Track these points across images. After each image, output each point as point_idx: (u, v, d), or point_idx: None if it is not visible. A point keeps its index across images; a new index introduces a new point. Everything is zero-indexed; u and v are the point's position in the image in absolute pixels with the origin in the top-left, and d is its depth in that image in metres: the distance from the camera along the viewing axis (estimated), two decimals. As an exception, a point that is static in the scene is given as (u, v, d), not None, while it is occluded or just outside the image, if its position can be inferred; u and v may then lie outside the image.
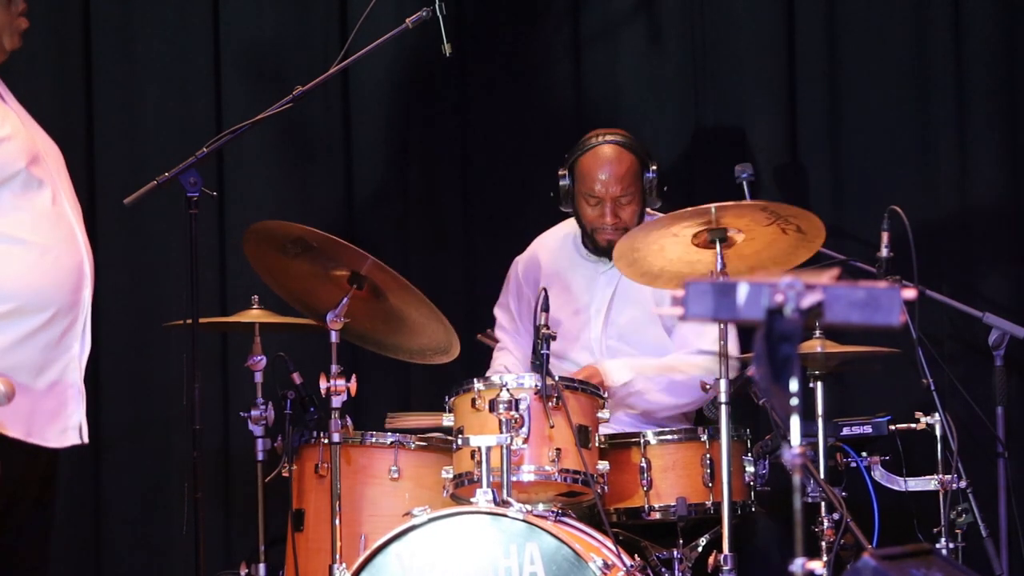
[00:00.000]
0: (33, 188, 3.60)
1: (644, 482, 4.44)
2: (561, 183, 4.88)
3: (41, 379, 3.57)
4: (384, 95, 5.68)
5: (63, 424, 3.64)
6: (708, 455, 4.45)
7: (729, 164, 5.12)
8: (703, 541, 4.43)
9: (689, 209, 4.25)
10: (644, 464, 4.44)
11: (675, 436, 4.50)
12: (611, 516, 4.40)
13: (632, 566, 4.12)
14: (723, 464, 4.18)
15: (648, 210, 4.89)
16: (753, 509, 4.49)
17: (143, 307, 5.55)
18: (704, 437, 4.47)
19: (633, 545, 4.39)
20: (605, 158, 4.82)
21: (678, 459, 4.48)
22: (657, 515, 4.44)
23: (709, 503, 4.44)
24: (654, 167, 4.85)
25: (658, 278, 4.44)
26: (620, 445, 4.48)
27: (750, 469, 4.47)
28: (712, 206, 4.18)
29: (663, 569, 4.39)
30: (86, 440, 3.71)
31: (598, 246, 4.88)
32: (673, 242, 4.31)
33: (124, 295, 5.53)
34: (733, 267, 4.28)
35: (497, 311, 5.08)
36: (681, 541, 4.40)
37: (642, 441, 4.47)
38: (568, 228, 5.04)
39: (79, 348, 3.66)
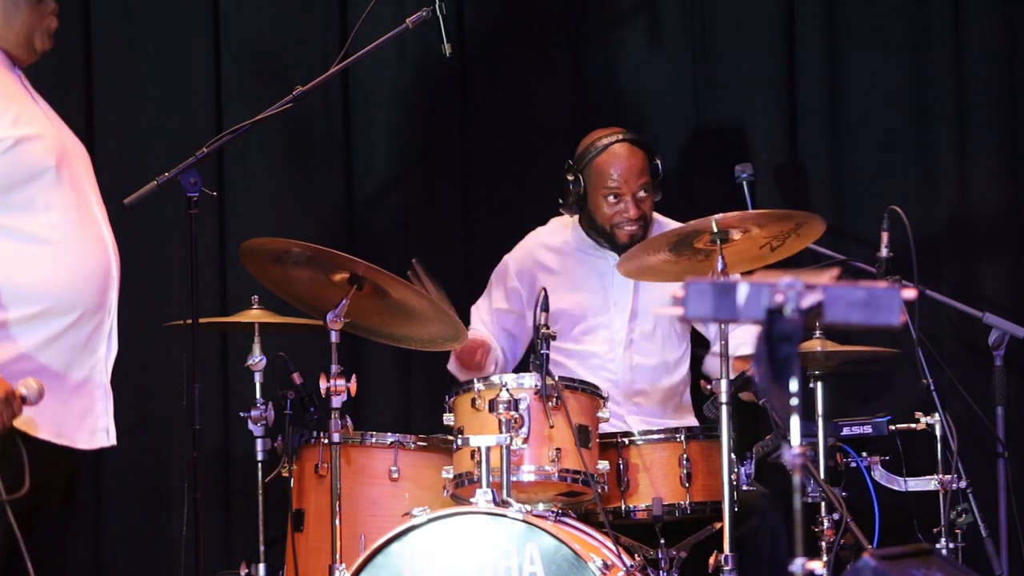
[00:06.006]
0: (62, 188, 3.55)
1: (622, 483, 4.44)
2: (571, 187, 4.92)
3: (69, 380, 3.53)
4: (384, 95, 5.68)
5: (92, 426, 3.61)
6: (686, 455, 4.45)
7: (729, 164, 5.13)
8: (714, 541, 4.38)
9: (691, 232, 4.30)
10: (621, 465, 4.44)
11: (655, 436, 4.50)
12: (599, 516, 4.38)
13: (632, 566, 4.12)
14: (724, 464, 4.18)
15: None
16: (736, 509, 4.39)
17: (143, 307, 5.53)
18: (681, 438, 4.46)
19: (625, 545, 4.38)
20: (621, 155, 4.91)
21: (655, 459, 4.47)
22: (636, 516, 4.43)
23: (686, 503, 4.43)
24: (658, 160, 4.96)
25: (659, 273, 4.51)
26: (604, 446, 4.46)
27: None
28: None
29: (649, 569, 4.38)
30: (114, 442, 3.68)
31: (618, 242, 4.91)
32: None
33: (124, 295, 5.49)
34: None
35: (483, 312, 5.08)
36: (663, 541, 4.36)
37: (619, 442, 4.46)
38: (562, 225, 5.05)
39: (105, 350, 3.64)
